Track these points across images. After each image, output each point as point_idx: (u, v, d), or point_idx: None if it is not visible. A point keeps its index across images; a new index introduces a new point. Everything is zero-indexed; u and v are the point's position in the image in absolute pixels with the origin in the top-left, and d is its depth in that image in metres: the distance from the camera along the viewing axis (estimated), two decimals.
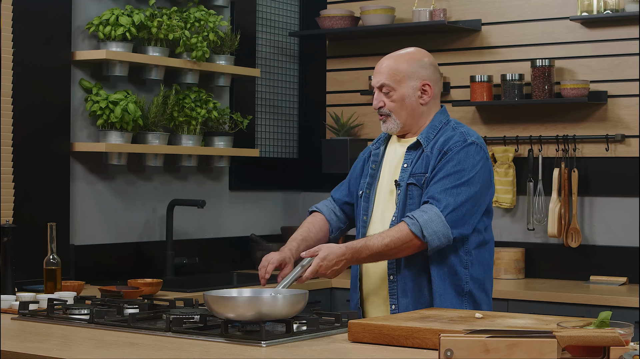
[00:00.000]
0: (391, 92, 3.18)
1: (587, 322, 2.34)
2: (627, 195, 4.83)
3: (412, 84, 3.19)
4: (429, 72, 3.22)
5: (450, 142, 3.14)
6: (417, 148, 3.19)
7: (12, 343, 2.66)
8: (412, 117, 3.21)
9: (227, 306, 2.68)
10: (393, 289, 3.17)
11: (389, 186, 3.23)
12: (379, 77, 3.20)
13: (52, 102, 4.38)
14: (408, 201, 3.15)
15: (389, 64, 3.20)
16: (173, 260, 4.79)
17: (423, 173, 3.15)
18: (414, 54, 3.25)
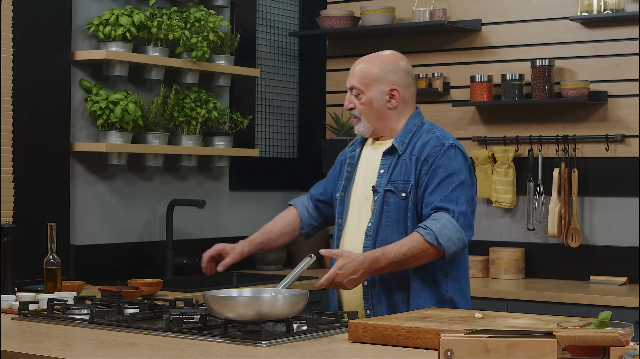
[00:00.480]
0: (360, 94, 3.22)
1: (587, 322, 2.34)
2: (627, 195, 4.83)
3: (381, 88, 3.22)
4: (399, 76, 3.23)
5: (429, 148, 3.16)
6: (392, 153, 3.21)
7: (12, 343, 2.66)
8: (381, 121, 3.24)
9: (227, 306, 2.68)
10: (367, 295, 3.20)
11: (365, 191, 3.24)
12: (351, 79, 3.24)
13: (52, 102, 4.38)
14: (384, 208, 3.17)
15: (361, 67, 3.23)
16: (173, 260, 4.79)
17: (403, 181, 3.16)
18: (387, 58, 3.26)
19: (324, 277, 3.01)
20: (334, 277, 3.01)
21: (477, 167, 5.11)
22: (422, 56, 5.37)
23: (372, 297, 3.19)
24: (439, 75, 5.25)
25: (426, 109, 5.35)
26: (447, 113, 5.30)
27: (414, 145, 3.19)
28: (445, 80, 5.30)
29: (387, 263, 3.05)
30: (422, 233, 3.06)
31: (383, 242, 3.14)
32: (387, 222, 3.16)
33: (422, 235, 3.06)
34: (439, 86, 5.26)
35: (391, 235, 3.15)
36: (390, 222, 3.16)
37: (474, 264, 5.01)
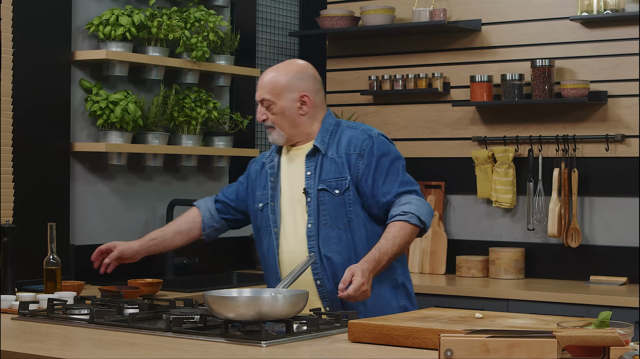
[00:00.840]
0: (272, 105, 3.27)
1: (587, 322, 2.34)
2: (627, 195, 4.83)
3: (291, 97, 3.28)
4: (307, 83, 3.32)
5: (359, 143, 3.26)
6: (315, 154, 3.28)
7: (12, 343, 2.66)
8: (295, 128, 3.30)
9: (227, 306, 2.68)
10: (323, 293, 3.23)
11: (294, 195, 3.29)
12: (260, 92, 3.29)
13: (52, 102, 4.38)
14: (321, 207, 3.23)
15: (269, 79, 3.28)
16: (173, 260, 4.79)
17: (335, 178, 3.24)
18: (293, 66, 3.33)
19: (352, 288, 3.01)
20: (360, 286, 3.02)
21: (477, 167, 5.11)
22: (422, 56, 5.37)
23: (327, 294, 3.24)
24: (439, 75, 5.25)
25: (426, 109, 5.35)
26: (447, 113, 5.30)
27: (337, 142, 3.28)
28: (445, 80, 5.30)
29: (387, 259, 3.13)
30: (405, 219, 3.16)
31: (326, 240, 3.21)
32: (326, 220, 3.23)
33: (407, 221, 3.16)
34: (439, 86, 5.26)
35: (332, 231, 3.22)
36: (329, 220, 3.23)
37: (474, 264, 5.01)
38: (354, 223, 3.23)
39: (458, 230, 5.27)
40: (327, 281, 3.22)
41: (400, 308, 3.29)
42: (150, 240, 3.50)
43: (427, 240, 5.21)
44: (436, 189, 5.29)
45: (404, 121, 5.42)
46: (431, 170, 5.31)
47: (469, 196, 5.24)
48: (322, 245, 3.22)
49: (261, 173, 3.40)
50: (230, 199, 3.51)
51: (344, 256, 3.22)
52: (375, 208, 3.24)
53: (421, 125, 5.38)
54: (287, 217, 3.29)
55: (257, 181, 3.40)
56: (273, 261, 3.29)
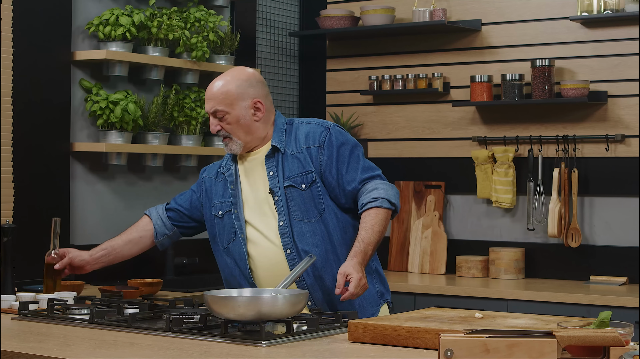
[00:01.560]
0: (225, 115, 3.26)
1: (587, 322, 2.34)
2: (627, 195, 4.83)
3: (244, 104, 3.27)
4: (257, 89, 3.31)
5: (316, 136, 3.29)
6: (274, 154, 3.29)
7: (12, 343, 2.65)
8: (250, 134, 3.30)
9: (227, 306, 2.68)
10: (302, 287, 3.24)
11: (258, 198, 3.29)
12: (211, 104, 3.26)
13: (52, 102, 4.38)
14: (290, 203, 3.25)
15: (219, 89, 3.26)
16: (173, 260, 4.79)
17: (300, 173, 3.26)
18: (241, 74, 3.31)
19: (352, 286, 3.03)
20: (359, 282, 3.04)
21: (477, 167, 5.11)
22: (422, 56, 5.37)
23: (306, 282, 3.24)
24: (439, 75, 5.25)
25: (426, 109, 5.35)
26: (447, 113, 5.30)
27: (295, 139, 3.30)
28: (445, 80, 5.30)
29: (372, 249, 3.18)
30: (377, 205, 3.21)
31: (300, 234, 3.22)
32: (297, 215, 3.24)
33: (379, 206, 3.21)
34: (439, 86, 5.26)
35: (305, 225, 3.23)
36: (300, 214, 3.24)
37: (474, 264, 5.01)
38: (326, 214, 3.26)
39: (458, 230, 5.27)
40: (306, 276, 3.23)
41: (377, 293, 3.32)
42: (100, 250, 3.50)
43: (427, 240, 5.22)
44: (436, 189, 5.29)
45: (404, 121, 5.42)
46: (431, 170, 5.32)
47: (469, 196, 5.24)
48: (298, 240, 3.22)
49: (217, 182, 3.40)
50: (184, 207, 3.50)
51: (320, 248, 3.23)
52: (342, 197, 3.27)
53: (421, 125, 5.38)
54: (254, 221, 3.29)
55: (213, 189, 3.40)
56: (243, 266, 3.28)
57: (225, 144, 3.32)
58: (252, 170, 3.33)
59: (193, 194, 3.50)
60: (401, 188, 5.35)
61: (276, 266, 3.24)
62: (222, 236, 3.35)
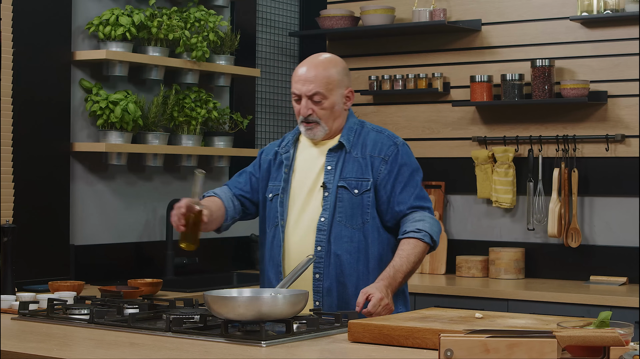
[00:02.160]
0: (323, 100, 3.23)
1: (587, 322, 2.34)
2: (627, 195, 4.83)
3: (341, 92, 3.27)
4: (350, 78, 3.34)
5: (384, 149, 3.27)
6: (338, 150, 3.27)
7: (12, 343, 2.66)
8: (337, 123, 3.29)
9: (227, 306, 2.68)
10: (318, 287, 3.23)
11: (307, 189, 3.27)
12: (311, 86, 3.22)
13: (52, 102, 4.38)
14: (338, 204, 3.23)
15: (320, 73, 3.23)
16: (173, 260, 4.79)
17: (356, 178, 3.24)
18: (338, 61, 3.30)
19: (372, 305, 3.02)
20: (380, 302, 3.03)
21: (477, 167, 5.11)
22: (422, 56, 5.37)
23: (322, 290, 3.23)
24: (439, 75, 5.25)
25: (426, 109, 5.35)
26: (447, 113, 5.30)
27: (363, 143, 3.28)
28: (445, 80, 5.30)
29: (402, 276, 3.16)
30: (419, 237, 3.19)
31: (337, 237, 3.20)
32: (341, 218, 3.22)
33: (421, 238, 3.19)
34: (439, 86, 5.26)
35: (344, 230, 3.22)
36: (344, 218, 3.22)
37: (474, 264, 5.01)
38: (369, 225, 3.24)
39: (458, 230, 5.27)
40: (326, 277, 3.22)
41: None
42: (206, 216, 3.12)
43: None
44: (436, 189, 5.29)
45: (404, 121, 5.42)
46: (431, 170, 5.31)
47: (469, 196, 5.24)
48: (333, 242, 3.21)
49: (274, 163, 3.37)
50: (246, 191, 3.41)
51: (353, 256, 3.21)
52: (388, 214, 3.25)
53: (421, 125, 5.38)
54: (295, 211, 3.27)
55: (270, 171, 3.37)
56: (277, 253, 3.27)
57: (307, 129, 3.26)
58: (310, 160, 3.30)
59: (252, 177, 3.42)
60: None
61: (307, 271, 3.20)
62: (267, 220, 3.33)
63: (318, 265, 3.22)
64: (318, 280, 3.22)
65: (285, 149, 3.36)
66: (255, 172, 3.43)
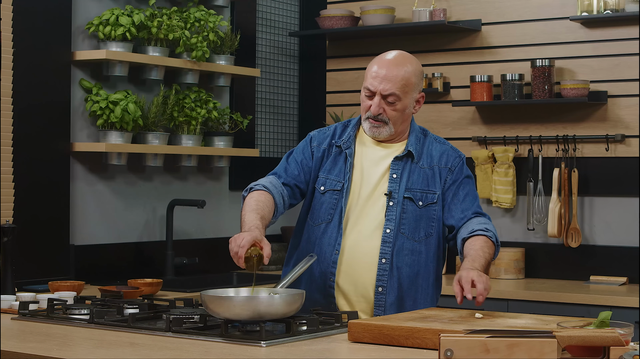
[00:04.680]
0: (397, 101, 3.13)
1: (587, 322, 2.34)
2: (627, 195, 4.83)
3: (414, 96, 3.19)
4: (422, 83, 3.25)
5: (450, 160, 3.23)
6: (404, 159, 3.19)
7: (12, 343, 2.66)
8: (404, 126, 3.22)
9: (223, 306, 2.68)
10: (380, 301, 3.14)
11: (368, 191, 3.18)
12: (388, 86, 3.11)
13: (52, 102, 4.38)
14: (403, 214, 3.14)
15: (400, 74, 3.12)
16: (173, 260, 4.79)
17: (422, 189, 3.17)
18: (415, 62, 3.19)
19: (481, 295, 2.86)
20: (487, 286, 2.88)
21: (477, 167, 5.11)
22: (422, 56, 5.37)
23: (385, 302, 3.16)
24: (439, 75, 5.25)
25: (426, 109, 5.35)
26: (447, 113, 5.30)
27: (429, 154, 3.22)
28: (445, 80, 5.30)
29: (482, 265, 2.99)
30: (488, 236, 3.11)
31: (400, 249, 3.13)
32: (404, 229, 3.14)
33: (489, 237, 3.11)
34: (439, 86, 5.26)
35: (407, 242, 3.14)
36: (407, 230, 3.15)
37: None
38: (432, 238, 3.17)
39: None
40: (390, 291, 3.13)
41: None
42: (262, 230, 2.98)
43: None
44: None
45: None
46: None
47: None
48: (396, 254, 3.13)
49: (331, 153, 3.23)
50: (300, 181, 3.24)
51: (412, 270, 3.15)
52: (451, 219, 3.18)
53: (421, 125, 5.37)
54: (357, 213, 3.16)
55: (323, 161, 3.23)
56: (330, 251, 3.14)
57: (373, 126, 3.16)
58: (373, 161, 3.21)
59: (304, 165, 3.24)
60: None
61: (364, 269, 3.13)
62: (318, 211, 3.19)
63: (382, 279, 3.12)
64: (381, 293, 3.13)
65: (347, 144, 3.21)
66: (307, 160, 3.25)
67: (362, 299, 3.16)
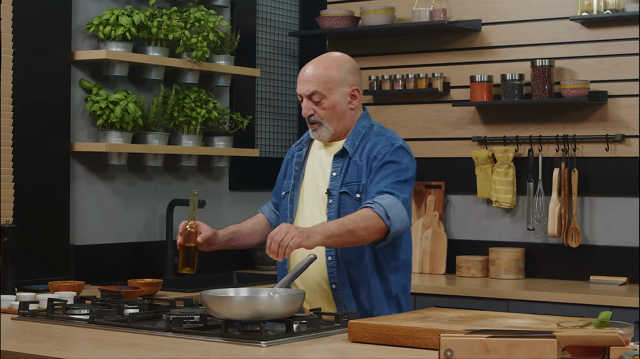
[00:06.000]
0: (323, 99, 3.19)
1: (587, 322, 2.34)
2: (627, 195, 4.83)
3: (343, 90, 3.22)
4: (356, 77, 3.26)
5: (378, 148, 3.20)
6: (343, 156, 3.23)
7: (12, 343, 2.66)
8: (342, 123, 3.24)
9: (223, 306, 2.68)
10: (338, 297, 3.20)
11: (315, 192, 3.25)
12: (309, 86, 3.19)
13: (52, 102, 4.38)
14: (341, 210, 3.18)
15: (319, 72, 3.19)
16: (173, 260, 4.79)
17: (356, 182, 3.19)
18: (341, 59, 3.25)
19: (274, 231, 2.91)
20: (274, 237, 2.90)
21: (477, 167, 5.11)
22: (422, 56, 5.37)
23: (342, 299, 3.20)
24: (439, 75, 5.25)
25: (426, 109, 5.35)
26: (447, 113, 5.30)
27: (364, 147, 3.23)
28: (445, 80, 5.30)
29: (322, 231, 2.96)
30: (370, 207, 3.04)
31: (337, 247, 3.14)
32: None
33: (372, 208, 3.04)
34: (439, 86, 5.26)
35: None
36: None
37: (474, 264, 5.01)
38: None
39: (458, 230, 5.27)
40: (343, 286, 3.18)
41: None
42: (229, 234, 3.35)
43: (427, 240, 5.22)
44: (436, 189, 5.29)
45: (404, 121, 5.42)
46: (431, 170, 5.32)
47: (469, 196, 5.24)
48: (340, 250, 3.16)
49: (291, 161, 3.37)
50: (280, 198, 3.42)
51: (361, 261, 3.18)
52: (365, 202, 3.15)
53: (421, 125, 5.38)
54: (305, 212, 3.25)
55: (288, 169, 3.37)
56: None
57: (313, 130, 3.24)
58: (319, 161, 3.28)
59: (278, 184, 3.44)
60: None
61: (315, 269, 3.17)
62: (282, 217, 3.31)
63: (332, 276, 3.18)
64: (336, 289, 3.19)
65: (299, 147, 3.34)
66: (281, 175, 3.43)
67: (323, 296, 3.22)
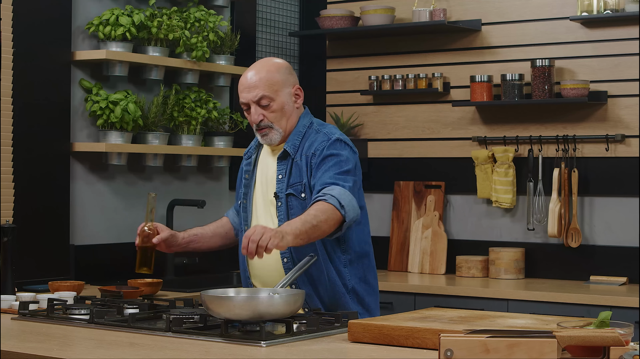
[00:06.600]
0: (271, 103, 3.20)
1: (587, 322, 2.34)
2: (627, 195, 4.83)
3: (287, 91, 3.23)
4: (294, 76, 3.29)
5: (316, 144, 3.20)
6: (286, 158, 3.24)
7: (12, 343, 2.66)
8: (290, 123, 3.25)
9: (223, 306, 2.68)
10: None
11: (266, 197, 3.26)
12: (256, 91, 3.18)
13: (52, 102, 4.38)
14: (290, 211, 3.19)
15: (263, 76, 3.20)
16: (173, 260, 4.79)
17: (299, 182, 3.20)
18: (278, 62, 3.27)
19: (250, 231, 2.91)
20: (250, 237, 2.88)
21: (477, 167, 5.11)
22: (422, 56, 5.37)
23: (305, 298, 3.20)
24: (439, 75, 5.25)
25: (426, 109, 5.35)
26: (447, 113, 5.30)
27: (304, 146, 3.23)
28: (445, 80, 5.30)
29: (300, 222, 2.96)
30: (323, 199, 3.03)
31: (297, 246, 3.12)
32: None
33: (325, 200, 3.03)
34: (439, 86, 5.26)
35: None
36: None
37: (474, 264, 5.01)
38: None
39: (458, 230, 5.27)
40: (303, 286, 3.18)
41: None
42: (190, 236, 3.41)
43: (427, 240, 5.22)
44: (436, 189, 5.29)
45: (404, 121, 5.42)
46: (431, 170, 5.31)
47: (469, 196, 5.24)
48: (294, 251, 3.17)
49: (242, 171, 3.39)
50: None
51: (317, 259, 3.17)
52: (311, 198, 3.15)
53: (421, 125, 5.38)
54: (258, 218, 3.26)
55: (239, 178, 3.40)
56: (242, 258, 3.28)
57: (263, 135, 3.23)
58: (266, 165, 3.29)
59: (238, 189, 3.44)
60: (401, 188, 5.35)
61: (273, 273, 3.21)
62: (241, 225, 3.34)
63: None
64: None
65: (248, 155, 3.36)
66: (238, 185, 3.43)
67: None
